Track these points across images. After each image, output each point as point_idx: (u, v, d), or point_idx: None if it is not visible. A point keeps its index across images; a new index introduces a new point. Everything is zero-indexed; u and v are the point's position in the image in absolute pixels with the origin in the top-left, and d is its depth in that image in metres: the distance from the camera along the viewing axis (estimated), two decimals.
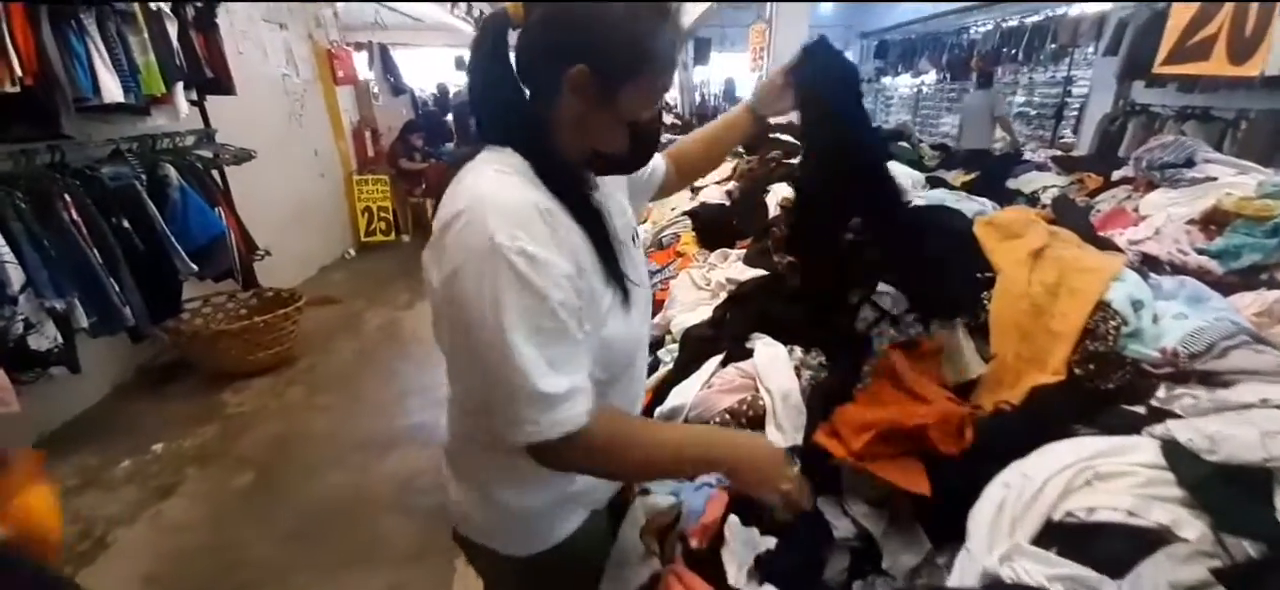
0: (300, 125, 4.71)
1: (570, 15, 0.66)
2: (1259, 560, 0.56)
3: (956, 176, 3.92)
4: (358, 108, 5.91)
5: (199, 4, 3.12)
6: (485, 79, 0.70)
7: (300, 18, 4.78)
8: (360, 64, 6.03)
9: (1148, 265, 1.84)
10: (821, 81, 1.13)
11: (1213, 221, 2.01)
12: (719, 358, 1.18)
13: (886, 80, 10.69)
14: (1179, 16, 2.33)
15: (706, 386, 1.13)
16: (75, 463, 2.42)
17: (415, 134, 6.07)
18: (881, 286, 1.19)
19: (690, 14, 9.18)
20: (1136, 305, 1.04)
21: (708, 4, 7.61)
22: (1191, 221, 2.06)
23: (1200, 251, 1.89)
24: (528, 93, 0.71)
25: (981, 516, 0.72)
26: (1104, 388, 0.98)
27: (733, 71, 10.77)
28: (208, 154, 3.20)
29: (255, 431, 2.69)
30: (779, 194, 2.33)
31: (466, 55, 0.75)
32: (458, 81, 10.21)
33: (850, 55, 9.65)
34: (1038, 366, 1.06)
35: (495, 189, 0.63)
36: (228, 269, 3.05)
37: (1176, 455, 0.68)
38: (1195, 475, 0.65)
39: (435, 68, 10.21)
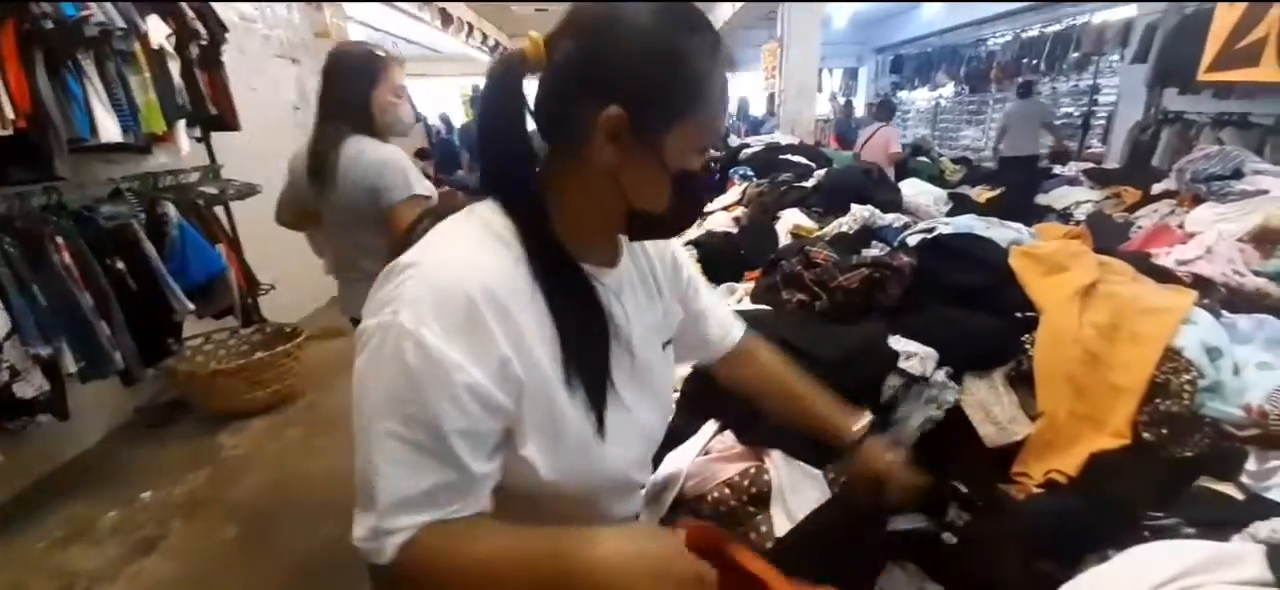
0: None
1: (603, 47, 0.54)
2: None
3: (981, 192, 3.75)
4: None
5: (203, 43, 3.13)
6: (491, 126, 0.58)
7: (315, 53, 4.82)
8: None
9: (1201, 288, 1.67)
10: None
11: (1266, 239, 1.84)
12: (716, 422, 1.03)
13: (903, 95, 10.53)
14: (1224, 20, 2.16)
15: (704, 453, 0.99)
16: (63, 514, 2.34)
17: (426, 163, 6.09)
18: (907, 345, 1.03)
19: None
20: (1213, 353, 0.88)
21: (722, 21, 7.59)
22: (1243, 239, 1.89)
23: (1257, 273, 1.72)
24: (547, 145, 0.59)
25: None
26: (1179, 455, 0.82)
27: (746, 90, 10.71)
28: (212, 190, 3.18)
29: (249, 477, 2.59)
30: (790, 221, 2.19)
31: (479, 85, 0.64)
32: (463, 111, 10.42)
33: (864, 72, 9.60)
34: (1096, 426, 0.90)
35: (442, 255, 0.54)
36: (228, 306, 2.99)
37: None
38: None
39: (450, 97, 10.48)
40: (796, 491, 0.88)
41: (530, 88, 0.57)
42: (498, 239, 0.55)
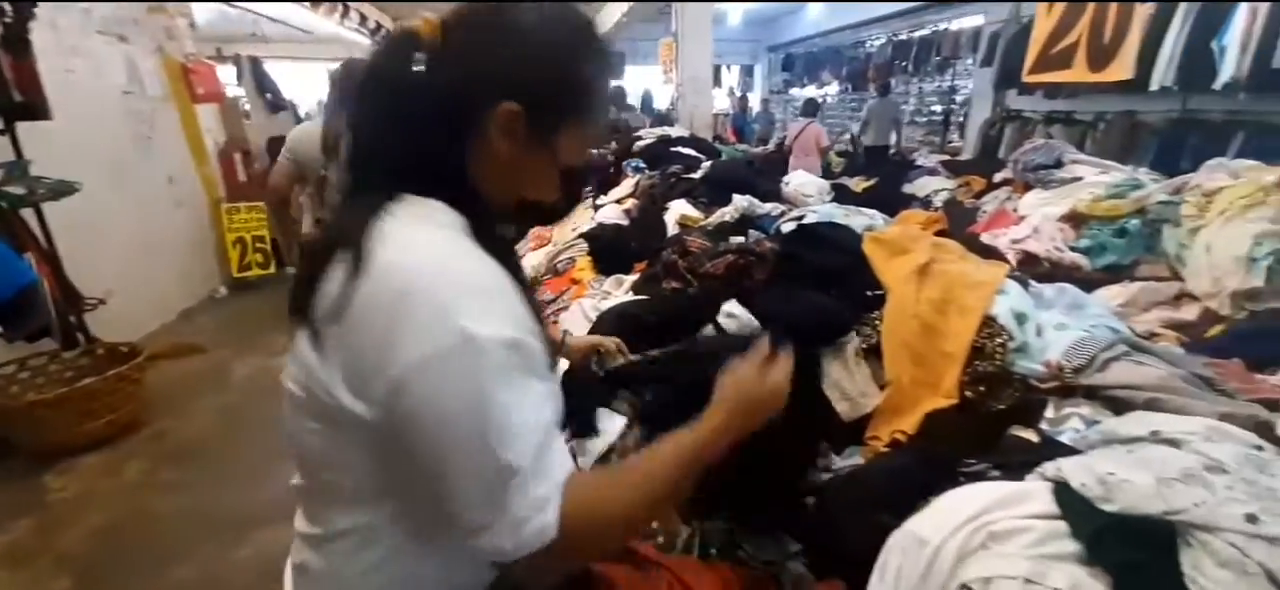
0: (149, 150, 4.12)
1: (500, 45, 0.56)
2: None
3: (858, 182, 4.05)
4: (225, 128, 5.27)
5: (7, 20, 2.63)
6: (394, 111, 0.56)
7: (147, 29, 4.22)
8: (226, 79, 5.42)
9: (1030, 263, 1.90)
10: None
11: (1077, 220, 2.13)
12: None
13: (794, 91, 11.14)
14: (1043, 26, 2.47)
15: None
16: None
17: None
18: (736, 308, 1.07)
19: (601, 26, 9.16)
20: (1020, 318, 0.99)
21: (619, 14, 7.60)
22: (1061, 220, 2.18)
23: (1072, 248, 1.99)
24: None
25: None
26: (995, 408, 0.92)
27: (648, 84, 10.83)
28: (18, 190, 2.68)
29: (81, 522, 2.23)
30: (677, 212, 2.22)
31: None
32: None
33: (759, 69, 10.11)
34: (932, 390, 0.99)
35: (445, 258, 0.52)
36: (43, 326, 2.54)
37: (1070, 503, 0.60)
38: (1091, 527, 0.57)
39: (321, 82, 9.53)
40: None
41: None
42: (451, 229, 0.55)
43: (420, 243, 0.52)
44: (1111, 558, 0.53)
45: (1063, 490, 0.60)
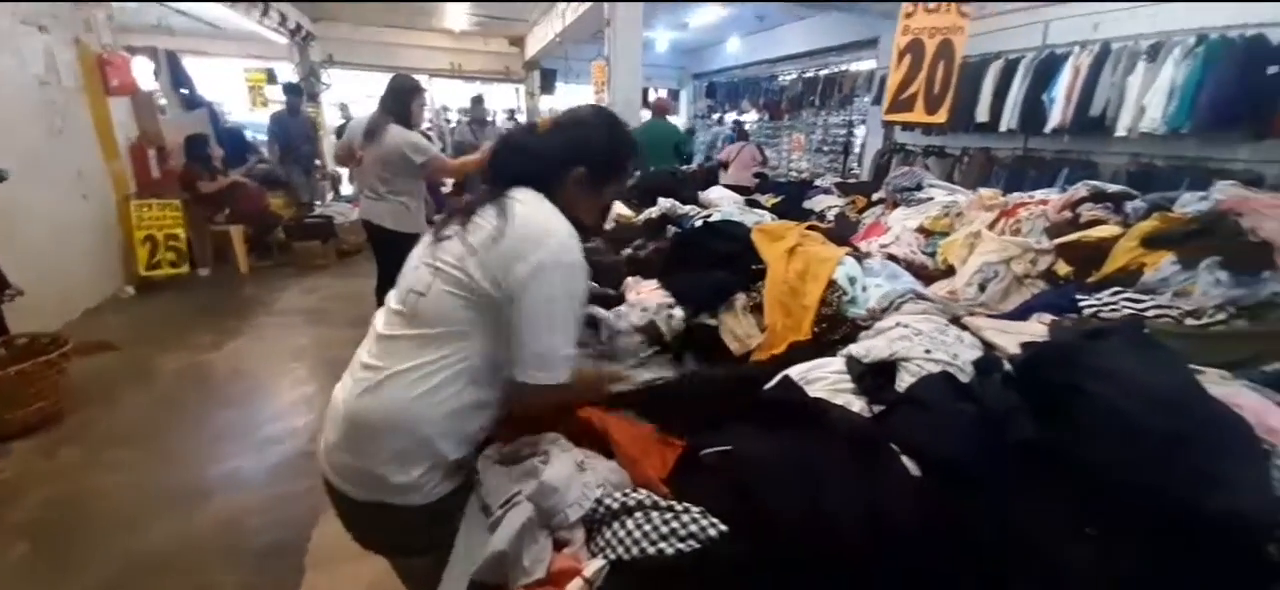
0: (61, 142, 3.94)
1: (582, 136, 1.08)
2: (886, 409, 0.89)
3: (768, 199, 4.60)
4: (137, 122, 5.04)
5: None
6: (519, 155, 1.07)
7: (67, 21, 4.05)
8: (142, 72, 5.19)
9: (894, 261, 2.40)
10: None
11: (926, 232, 2.70)
12: None
13: (717, 117, 11.90)
14: (895, 77, 3.08)
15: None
16: None
17: (204, 150, 5.36)
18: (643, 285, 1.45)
19: (537, 44, 9.44)
20: (852, 281, 1.42)
21: (553, 34, 7.92)
22: (919, 230, 2.74)
23: (924, 252, 2.53)
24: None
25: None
26: (834, 339, 1.33)
27: (578, 101, 11.17)
28: None
29: (27, 497, 2.21)
30: (614, 210, 2.57)
31: (278, 68, 0.91)
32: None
33: (684, 95, 10.84)
34: (795, 331, 1.39)
35: (559, 219, 0.99)
36: None
37: (850, 362, 1.01)
38: (859, 371, 0.98)
39: (235, 77, 8.95)
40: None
41: None
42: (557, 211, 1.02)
43: (546, 210, 0.99)
44: (864, 385, 0.94)
45: (848, 358, 1.01)
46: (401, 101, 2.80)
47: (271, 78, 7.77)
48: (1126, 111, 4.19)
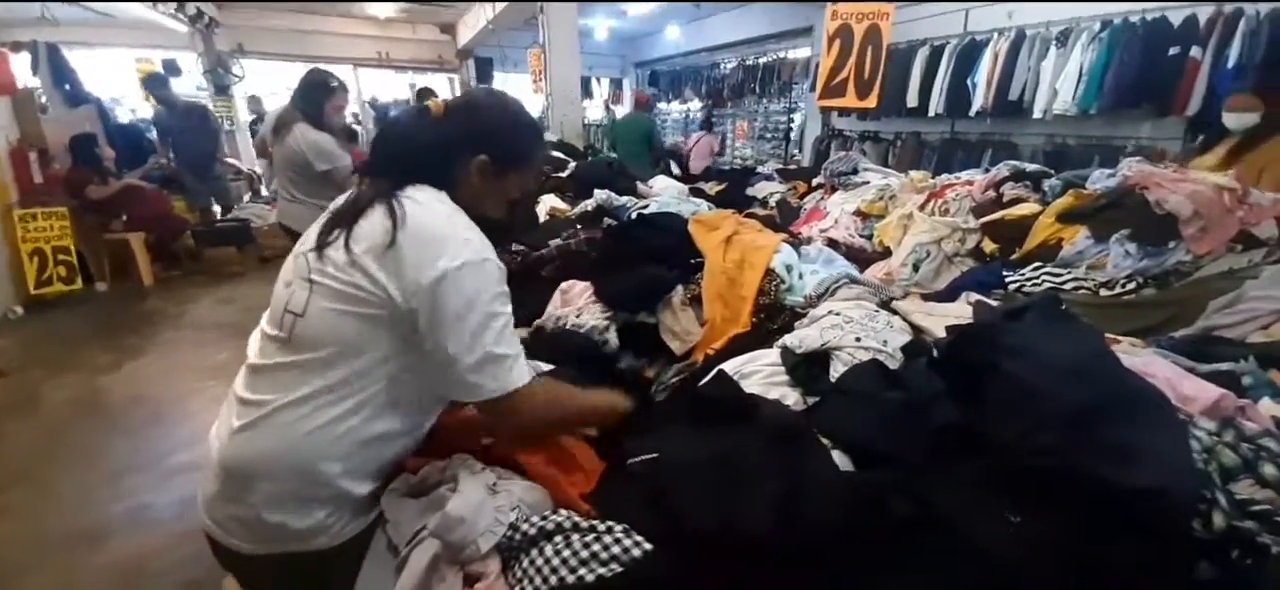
0: None
1: (484, 121, 0.97)
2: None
3: (712, 187, 4.62)
4: (17, 123, 4.51)
5: None
6: (408, 145, 0.95)
7: None
8: (20, 68, 4.64)
9: (834, 246, 2.43)
10: None
11: (862, 215, 2.74)
12: None
13: (661, 106, 11.88)
14: (826, 63, 3.12)
15: None
16: None
17: (92, 150, 4.85)
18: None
19: (469, 31, 9.10)
20: (790, 269, 1.40)
21: (485, 20, 7.66)
22: (856, 213, 2.78)
23: (862, 235, 2.57)
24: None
25: None
26: (772, 328, 1.30)
27: (516, 91, 10.89)
28: None
29: None
30: (548, 204, 2.47)
31: (170, 56, 0.78)
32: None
33: (627, 84, 10.79)
34: (734, 323, 1.35)
35: (459, 216, 0.89)
36: None
37: (784, 353, 0.99)
38: (792, 362, 0.96)
39: (125, 71, 8.10)
40: None
41: None
42: (456, 208, 0.91)
43: (445, 208, 0.89)
44: (798, 376, 0.90)
45: (783, 348, 0.98)
46: (311, 98, 2.56)
47: (172, 69, 7.08)
48: (1041, 94, 4.42)
